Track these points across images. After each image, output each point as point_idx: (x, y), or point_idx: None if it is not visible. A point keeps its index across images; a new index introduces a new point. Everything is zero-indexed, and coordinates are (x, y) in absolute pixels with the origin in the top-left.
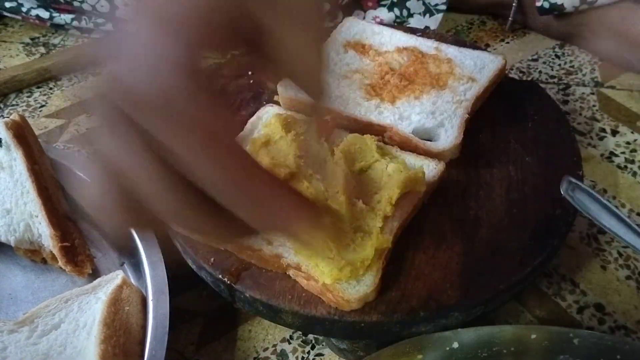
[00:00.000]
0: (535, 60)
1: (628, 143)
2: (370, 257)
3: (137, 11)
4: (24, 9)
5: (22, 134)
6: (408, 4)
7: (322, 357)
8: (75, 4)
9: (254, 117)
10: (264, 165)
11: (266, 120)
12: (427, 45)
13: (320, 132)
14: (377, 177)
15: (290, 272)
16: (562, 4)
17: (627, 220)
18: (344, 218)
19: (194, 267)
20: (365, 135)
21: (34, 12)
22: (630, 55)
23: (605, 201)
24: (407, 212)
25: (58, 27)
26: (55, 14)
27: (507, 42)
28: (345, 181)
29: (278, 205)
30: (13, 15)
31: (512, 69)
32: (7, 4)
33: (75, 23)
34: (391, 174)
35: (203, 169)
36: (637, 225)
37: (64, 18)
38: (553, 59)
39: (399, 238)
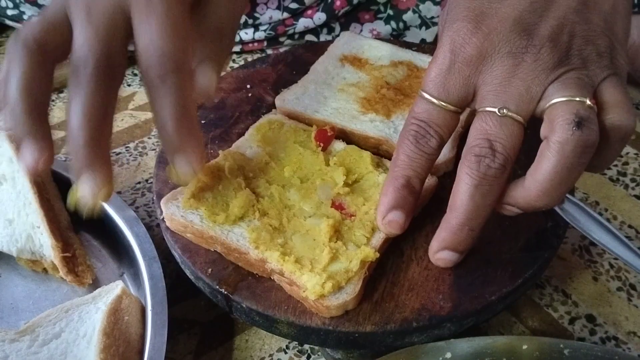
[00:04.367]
0: None
1: (620, 156)
2: (355, 269)
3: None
4: (25, 17)
5: None
6: (404, 17)
7: None
8: None
9: (253, 126)
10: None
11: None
12: (422, 59)
13: (317, 141)
14: (368, 187)
15: (275, 277)
16: None
17: (617, 233)
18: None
19: (191, 277)
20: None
21: None
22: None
23: (594, 214)
24: None
25: None
26: None
27: None
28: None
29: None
30: (14, 24)
31: None
32: (10, 12)
33: None
34: (381, 183)
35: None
36: (627, 237)
37: None
38: None
39: (392, 249)
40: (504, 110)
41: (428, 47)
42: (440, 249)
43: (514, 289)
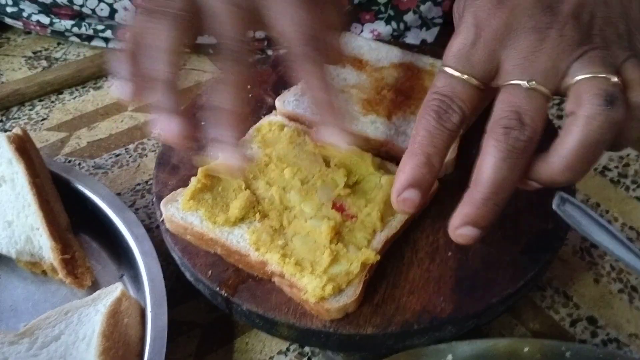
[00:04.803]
0: None
1: (621, 157)
2: (356, 272)
3: None
4: (24, 14)
5: (24, 147)
6: (405, 17)
7: None
8: (75, 7)
9: (254, 127)
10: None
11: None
12: (422, 61)
13: (316, 142)
14: (369, 189)
15: (275, 279)
16: None
17: (618, 234)
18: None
19: (191, 279)
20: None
21: (34, 18)
22: None
23: (595, 216)
24: (396, 227)
25: (58, 34)
26: (55, 20)
27: None
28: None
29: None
30: (14, 22)
31: None
32: (9, 9)
33: (75, 29)
34: (383, 184)
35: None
36: (628, 239)
37: (64, 24)
38: None
39: (392, 251)
40: (533, 83)
41: (429, 49)
42: (462, 225)
43: (515, 291)
